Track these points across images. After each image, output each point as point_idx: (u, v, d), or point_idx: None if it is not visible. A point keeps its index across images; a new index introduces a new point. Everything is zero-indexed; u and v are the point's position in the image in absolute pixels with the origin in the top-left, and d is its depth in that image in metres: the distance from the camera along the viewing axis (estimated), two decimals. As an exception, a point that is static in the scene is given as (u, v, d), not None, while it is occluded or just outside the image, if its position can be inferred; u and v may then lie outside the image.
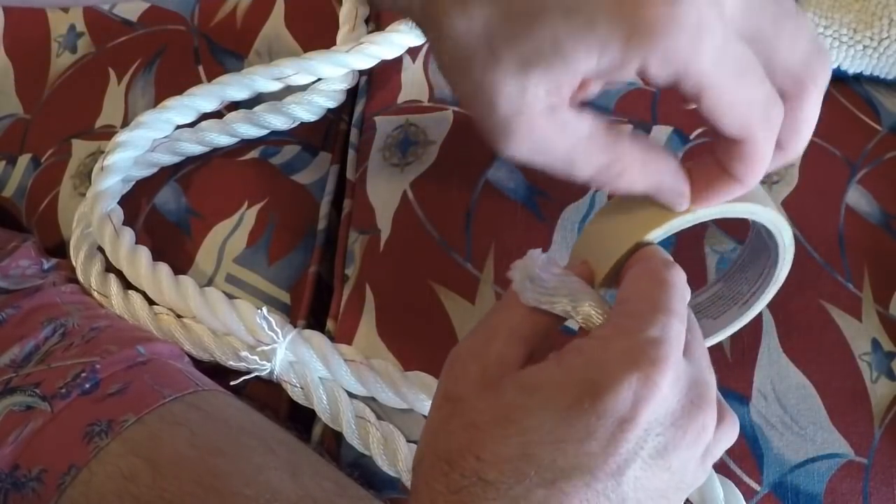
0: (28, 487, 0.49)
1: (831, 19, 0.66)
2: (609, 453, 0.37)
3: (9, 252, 0.63)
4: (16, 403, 0.52)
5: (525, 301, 0.42)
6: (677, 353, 0.39)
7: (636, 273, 0.42)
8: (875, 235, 0.62)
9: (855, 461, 0.56)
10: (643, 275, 0.42)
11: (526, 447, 0.37)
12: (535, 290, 0.43)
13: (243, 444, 0.52)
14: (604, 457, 0.37)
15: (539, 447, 0.37)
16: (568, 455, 0.37)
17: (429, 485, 0.39)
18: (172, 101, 0.69)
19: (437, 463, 0.39)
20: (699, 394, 0.39)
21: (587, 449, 0.36)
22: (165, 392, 0.54)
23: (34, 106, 0.76)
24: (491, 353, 0.41)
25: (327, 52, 0.69)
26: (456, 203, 0.64)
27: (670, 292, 0.40)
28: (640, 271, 0.42)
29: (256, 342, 0.59)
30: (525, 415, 0.37)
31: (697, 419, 0.39)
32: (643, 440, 0.37)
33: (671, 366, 0.37)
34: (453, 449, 0.38)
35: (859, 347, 0.59)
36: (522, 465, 0.37)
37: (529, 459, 0.37)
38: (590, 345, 0.39)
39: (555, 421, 0.37)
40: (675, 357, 0.38)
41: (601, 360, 0.38)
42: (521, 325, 0.42)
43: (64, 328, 0.57)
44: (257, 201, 0.68)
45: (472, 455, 0.38)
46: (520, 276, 0.43)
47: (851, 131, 0.67)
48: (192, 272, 0.65)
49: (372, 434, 0.57)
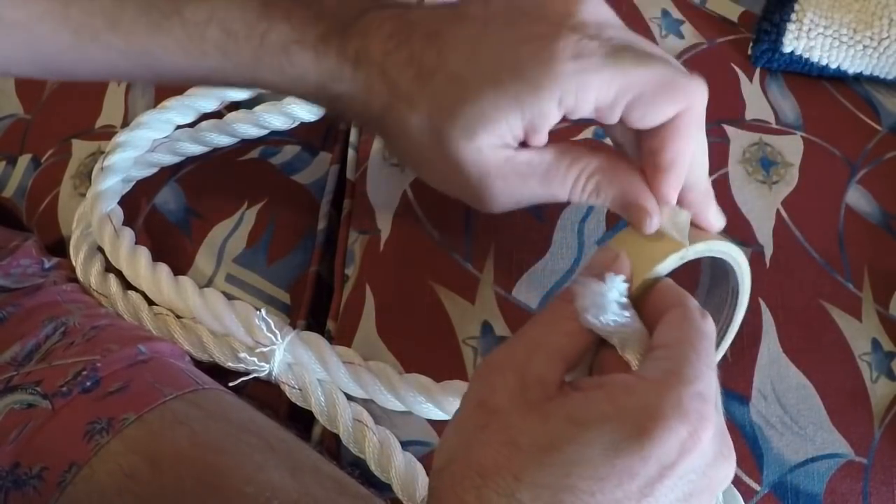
0: (29, 485, 0.49)
1: (831, 19, 0.66)
2: (644, 494, 0.38)
3: (10, 251, 0.63)
4: (17, 401, 0.52)
5: (584, 322, 0.43)
6: (718, 409, 0.41)
7: (677, 319, 0.43)
8: (875, 235, 0.63)
9: (855, 461, 0.56)
10: (685, 323, 0.43)
11: (567, 478, 0.38)
12: (597, 315, 0.43)
13: (244, 442, 0.52)
14: (638, 497, 0.38)
15: (580, 480, 0.38)
16: (605, 491, 0.38)
17: (456, 493, 0.39)
18: (172, 101, 0.69)
19: (468, 473, 0.39)
20: (727, 445, 0.41)
21: (626, 488, 0.38)
22: (166, 390, 0.53)
23: (34, 106, 0.76)
24: (532, 369, 0.42)
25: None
26: (456, 203, 0.63)
27: (710, 346, 0.42)
28: (680, 317, 0.43)
29: (255, 343, 0.59)
30: (571, 447, 0.38)
31: (722, 470, 0.41)
32: (675, 486, 0.38)
33: (713, 422, 0.39)
34: (489, 464, 0.39)
35: (859, 347, 0.59)
36: (560, 493, 0.38)
37: (568, 490, 0.38)
38: (643, 387, 0.39)
39: (600, 458, 0.38)
40: (716, 413, 0.40)
41: (654, 407, 0.38)
42: (567, 345, 0.43)
43: (65, 327, 0.57)
44: (257, 201, 0.68)
45: (511, 474, 0.38)
46: (590, 298, 0.43)
47: (851, 131, 0.67)
48: (191, 272, 0.65)
49: (368, 438, 0.57)
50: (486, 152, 0.46)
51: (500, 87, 0.45)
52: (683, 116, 0.46)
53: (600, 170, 0.48)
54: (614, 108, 0.45)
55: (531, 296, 0.61)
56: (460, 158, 0.47)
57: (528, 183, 0.48)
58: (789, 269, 0.61)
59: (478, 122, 0.45)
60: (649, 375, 0.40)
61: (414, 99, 0.47)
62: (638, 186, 0.48)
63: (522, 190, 0.48)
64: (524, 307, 0.60)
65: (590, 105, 0.45)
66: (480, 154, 0.46)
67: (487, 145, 0.46)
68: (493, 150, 0.46)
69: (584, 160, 0.48)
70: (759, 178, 0.64)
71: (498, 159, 0.47)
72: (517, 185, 0.48)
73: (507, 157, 0.47)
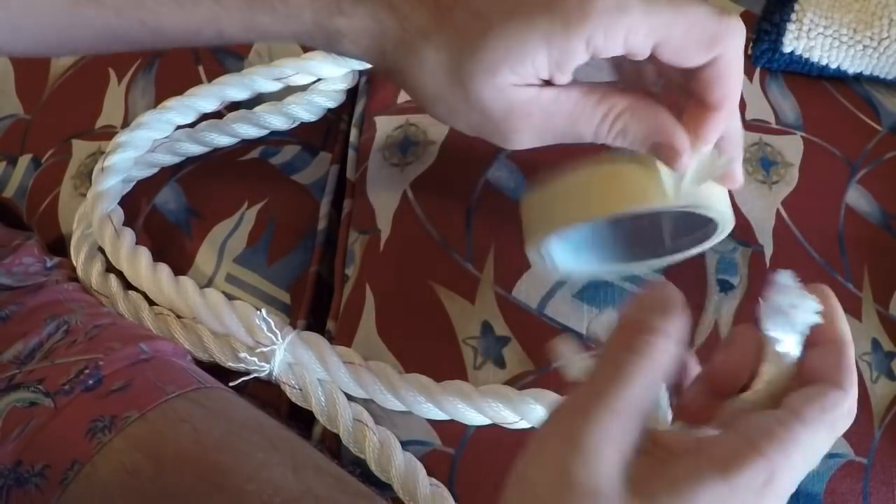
0: (31, 483, 0.49)
1: (831, 19, 0.67)
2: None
3: (12, 249, 0.63)
4: (19, 400, 0.52)
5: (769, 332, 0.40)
6: None
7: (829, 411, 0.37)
8: (875, 235, 0.63)
9: (855, 461, 0.56)
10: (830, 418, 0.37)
11: None
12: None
13: (245, 440, 0.52)
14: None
15: None
16: None
17: None
18: (172, 101, 0.69)
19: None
20: None
21: None
22: (168, 389, 0.54)
23: (34, 106, 0.76)
24: (629, 442, 0.36)
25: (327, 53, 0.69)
26: (456, 203, 0.64)
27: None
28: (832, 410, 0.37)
29: (255, 343, 0.59)
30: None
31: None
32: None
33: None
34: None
35: (859, 347, 0.59)
36: None
37: None
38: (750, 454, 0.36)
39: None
40: None
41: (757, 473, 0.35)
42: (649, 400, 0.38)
43: (67, 325, 0.57)
44: (257, 201, 0.68)
45: None
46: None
47: (851, 131, 0.67)
48: (192, 272, 0.65)
49: (368, 438, 0.57)
50: (509, 90, 0.45)
51: (529, 21, 0.43)
52: (722, 59, 0.44)
53: (629, 109, 0.46)
54: (643, 50, 0.44)
55: (531, 296, 0.61)
56: (482, 96, 0.45)
57: (553, 121, 0.46)
58: (789, 269, 0.61)
59: (502, 59, 0.43)
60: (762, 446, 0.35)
61: (430, 34, 0.45)
62: (668, 125, 0.46)
63: (546, 128, 0.47)
64: (524, 307, 0.60)
65: (619, 47, 0.43)
66: (503, 92, 0.45)
67: (511, 83, 0.44)
68: (517, 89, 0.45)
69: (612, 99, 0.46)
70: (759, 178, 0.64)
71: (522, 97, 0.45)
72: (541, 123, 0.46)
73: (532, 96, 0.45)
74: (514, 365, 0.59)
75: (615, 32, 0.42)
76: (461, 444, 0.58)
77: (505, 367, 0.59)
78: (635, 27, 0.42)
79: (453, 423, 0.58)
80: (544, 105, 0.45)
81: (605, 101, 0.46)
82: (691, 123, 0.46)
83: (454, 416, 0.57)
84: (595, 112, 0.46)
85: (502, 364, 0.59)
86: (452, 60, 0.45)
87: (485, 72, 0.44)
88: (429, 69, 0.46)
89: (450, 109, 0.48)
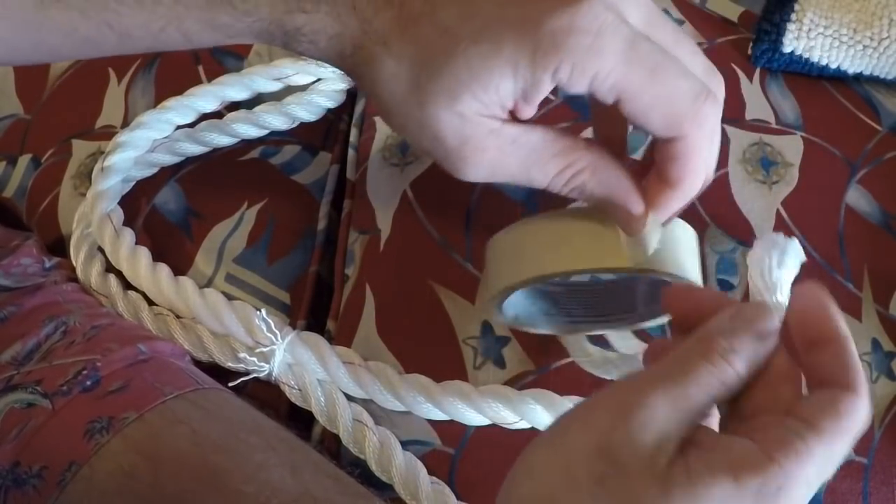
0: (29, 484, 0.49)
1: (831, 19, 0.66)
2: None
3: (11, 250, 0.63)
4: (17, 401, 0.52)
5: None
6: None
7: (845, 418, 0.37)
8: (875, 235, 0.63)
9: (855, 461, 0.56)
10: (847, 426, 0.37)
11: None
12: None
13: (244, 441, 0.52)
14: None
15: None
16: None
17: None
18: (172, 101, 0.68)
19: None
20: None
21: None
22: (166, 390, 0.54)
23: (34, 106, 0.76)
24: (673, 430, 0.36)
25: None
26: (456, 203, 0.64)
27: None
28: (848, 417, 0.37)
29: (255, 343, 0.59)
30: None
31: None
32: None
33: None
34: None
35: (859, 347, 0.58)
36: None
37: None
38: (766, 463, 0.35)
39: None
40: None
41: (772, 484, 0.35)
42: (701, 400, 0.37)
43: (65, 326, 0.57)
44: (257, 201, 0.68)
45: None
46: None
47: (851, 131, 0.67)
48: (191, 272, 0.65)
49: (368, 438, 0.57)
50: (468, 118, 0.42)
51: (497, 45, 0.40)
52: (684, 142, 0.42)
53: (590, 167, 0.44)
54: (606, 98, 0.41)
55: (531, 296, 0.61)
56: (439, 120, 0.42)
57: (507, 160, 0.43)
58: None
59: (465, 83, 0.41)
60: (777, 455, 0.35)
61: (391, 42, 0.42)
62: (626, 191, 0.44)
63: (500, 166, 0.44)
64: (524, 307, 0.60)
65: (583, 87, 0.40)
66: (461, 119, 0.42)
67: (471, 111, 0.42)
68: (477, 119, 0.42)
69: (574, 154, 0.44)
70: (759, 178, 0.64)
71: (480, 130, 0.42)
72: (495, 160, 0.43)
73: (490, 130, 0.42)
74: (514, 365, 0.59)
75: (582, 73, 0.40)
76: (461, 444, 0.58)
77: (505, 367, 0.59)
78: (603, 74, 0.40)
79: (453, 424, 0.58)
80: (502, 143, 0.43)
81: (566, 155, 0.44)
82: (650, 191, 0.45)
83: (454, 417, 0.57)
84: (553, 163, 0.44)
85: (502, 364, 0.59)
86: (412, 76, 0.42)
87: (445, 95, 0.41)
88: (385, 79, 0.43)
89: (403, 125, 0.45)
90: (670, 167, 0.43)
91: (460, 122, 0.42)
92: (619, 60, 0.40)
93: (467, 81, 0.41)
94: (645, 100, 0.41)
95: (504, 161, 0.43)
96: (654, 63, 0.40)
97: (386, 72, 0.43)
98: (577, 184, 0.44)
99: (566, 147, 0.44)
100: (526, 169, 0.44)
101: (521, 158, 0.43)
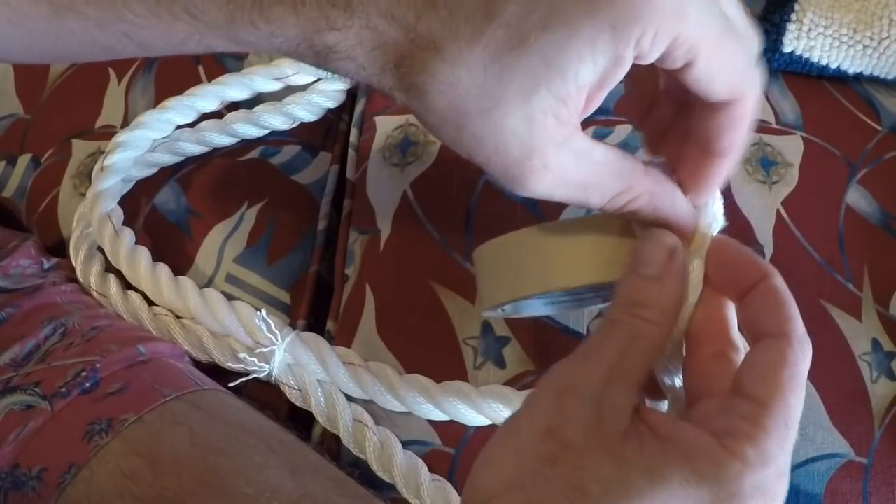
0: (28, 486, 0.50)
1: (831, 19, 0.66)
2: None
3: (9, 251, 0.63)
4: (16, 402, 0.52)
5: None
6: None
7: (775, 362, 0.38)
8: (875, 235, 0.63)
9: (855, 461, 0.56)
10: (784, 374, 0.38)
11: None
12: None
13: (243, 442, 0.52)
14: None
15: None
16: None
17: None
18: (172, 101, 0.69)
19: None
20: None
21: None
22: (166, 391, 0.54)
23: (34, 106, 0.76)
24: (610, 399, 0.38)
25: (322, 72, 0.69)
26: (456, 203, 0.64)
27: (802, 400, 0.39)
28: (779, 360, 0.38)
29: (255, 344, 0.59)
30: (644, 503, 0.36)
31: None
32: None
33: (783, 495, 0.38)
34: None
35: (859, 347, 0.59)
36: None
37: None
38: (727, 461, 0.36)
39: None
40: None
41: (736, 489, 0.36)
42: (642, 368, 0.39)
43: (64, 327, 0.57)
44: (257, 201, 0.68)
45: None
46: None
47: (851, 131, 0.67)
48: (191, 272, 0.65)
49: (369, 438, 0.57)
50: (537, 126, 0.38)
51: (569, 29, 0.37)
52: (740, 105, 0.41)
53: (648, 195, 0.42)
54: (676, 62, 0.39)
55: (531, 295, 0.61)
56: (505, 130, 0.38)
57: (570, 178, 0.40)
58: (789, 269, 0.61)
59: (541, 77, 0.37)
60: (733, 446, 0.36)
61: (443, 47, 0.38)
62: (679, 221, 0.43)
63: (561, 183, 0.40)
64: (524, 307, 0.60)
65: (657, 53, 0.38)
66: (531, 127, 0.38)
67: (543, 114, 0.38)
68: (547, 125, 0.38)
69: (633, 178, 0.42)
70: (759, 178, 0.64)
71: (548, 140, 0.39)
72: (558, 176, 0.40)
73: (558, 142, 0.39)
74: (514, 365, 0.59)
75: (664, 37, 0.37)
76: (461, 444, 0.58)
77: (505, 368, 0.59)
78: (684, 37, 0.38)
79: (453, 424, 0.58)
80: (566, 158, 0.40)
81: (626, 178, 0.41)
82: (693, 173, 0.44)
83: (454, 417, 0.57)
84: (612, 185, 0.41)
85: (502, 364, 0.59)
86: (474, 81, 0.38)
87: (517, 96, 0.38)
88: (439, 89, 0.38)
89: (458, 137, 0.40)
90: (722, 136, 0.42)
91: (528, 131, 0.38)
92: (697, 22, 0.38)
93: (543, 75, 0.37)
94: (714, 62, 0.39)
95: (566, 178, 0.40)
96: (721, 24, 0.39)
97: (441, 80, 0.38)
98: (632, 208, 0.42)
99: (626, 169, 0.41)
100: (585, 188, 0.41)
101: (584, 176, 0.40)
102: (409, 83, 0.39)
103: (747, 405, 0.37)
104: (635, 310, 0.40)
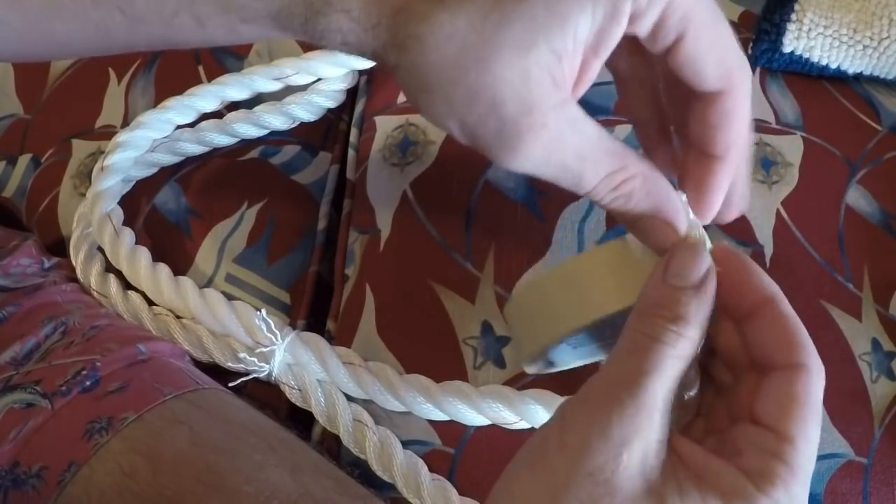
0: (28, 484, 0.49)
1: (831, 19, 0.66)
2: None
3: (10, 250, 0.63)
4: (16, 401, 0.52)
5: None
6: None
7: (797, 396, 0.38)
8: (875, 235, 0.63)
9: (855, 461, 0.56)
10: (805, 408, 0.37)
11: None
12: None
13: (243, 441, 0.52)
14: None
15: None
16: None
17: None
18: (172, 101, 0.68)
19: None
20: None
21: None
22: (166, 390, 0.54)
23: (34, 106, 0.76)
24: (652, 442, 0.36)
25: (327, 52, 0.69)
26: (456, 203, 0.64)
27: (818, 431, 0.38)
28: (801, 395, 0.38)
29: (255, 344, 0.59)
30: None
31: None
32: None
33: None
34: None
35: (859, 347, 0.59)
36: None
37: None
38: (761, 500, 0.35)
39: None
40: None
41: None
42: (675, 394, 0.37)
43: (65, 326, 0.57)
44: (257, 201, 0.68)
45: None
46: None
47: (851, 131, 0.67)
48: (191, 272, 0.65)
49: (369, 438, 0.57)
50: (535, 81, 0.37)
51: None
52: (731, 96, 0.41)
53: (642, 177, 0.41)
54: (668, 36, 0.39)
55: (531, 295, 0.60)
56: (502, 81, 0.37)
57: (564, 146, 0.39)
58: (789, 269, 0.61)
59: (539, 28, 0.36)
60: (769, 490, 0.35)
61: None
62: (675, 203, 0.42)
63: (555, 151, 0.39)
64: (524, 307, 0.60)
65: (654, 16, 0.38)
66: (528, 81, 0.37)
67: (540, 67, 0.37)
68: (544, 81, 0.37)
69: (627, 157, 0.40)
70: (759, 178, 0.64)
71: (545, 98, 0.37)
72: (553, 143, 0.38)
73: (554, 104, 0.38)
74: (514, 365, 0.59)
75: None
76: (461, 444, 0.58)
77: (505, 367, 0.59)
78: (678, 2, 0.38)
79: (453, 424, 0.58)
80: (563, 123, 0.38)
81: (620, 156, 0.40)
82: (693, 174, 0.43)
83: (454, 417, 0.57)
84: (607, 161, 0.40)
85: (502, 364, 0.59)
86: (473, 30, 0.37)
87: (515, 45, 0.37)
88: (436, 43, 0.37)
89: (450, 96, 0.38)
90: (716, 135, 0.42)
91: (525, 85, 0.37)
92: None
93: (544, 24, 0.36)
94: (705, 39, 0.39)
95: (560, 146, 0.39)
96: (713, 7, 0.39)
97: (439, 31, 0.37)
98: (626, 190, 0.41)
99: (620, 149, 0.41)
100: (580, 160, 0.39)
101: (579, 147, 0.39)
102: (406, 35, 0.38)
103: (774, 441, 0.36)
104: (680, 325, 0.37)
